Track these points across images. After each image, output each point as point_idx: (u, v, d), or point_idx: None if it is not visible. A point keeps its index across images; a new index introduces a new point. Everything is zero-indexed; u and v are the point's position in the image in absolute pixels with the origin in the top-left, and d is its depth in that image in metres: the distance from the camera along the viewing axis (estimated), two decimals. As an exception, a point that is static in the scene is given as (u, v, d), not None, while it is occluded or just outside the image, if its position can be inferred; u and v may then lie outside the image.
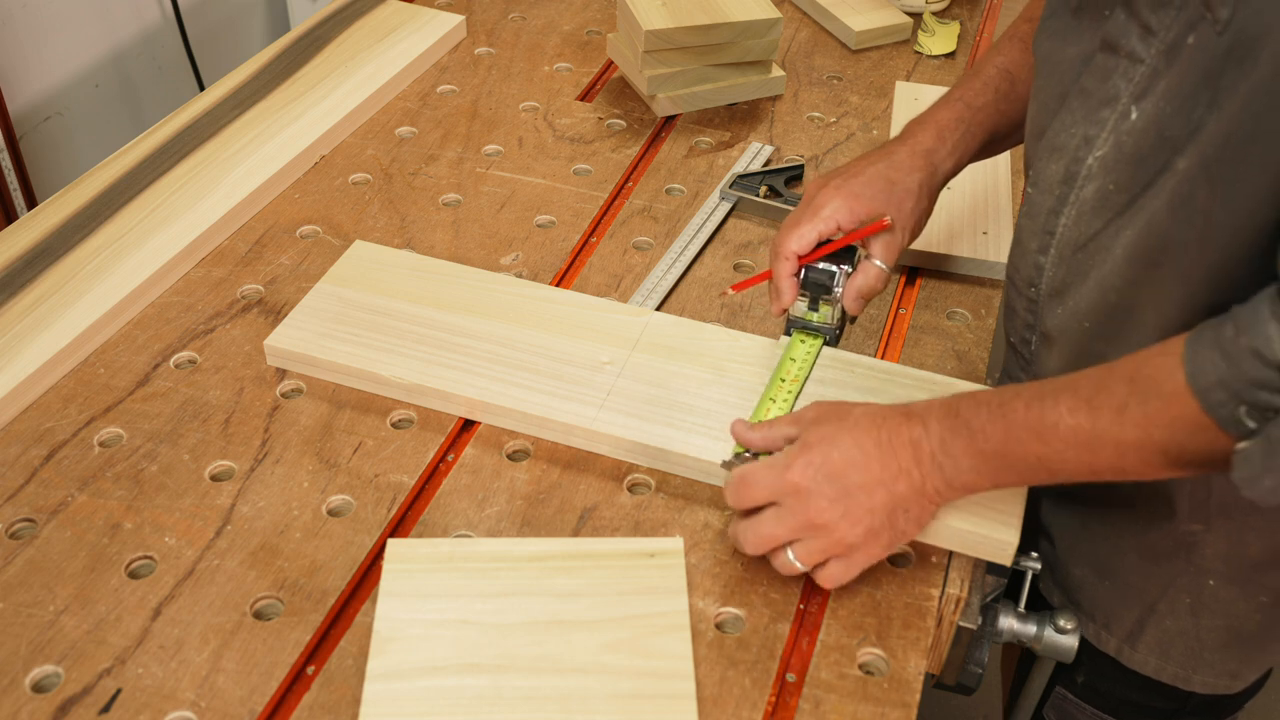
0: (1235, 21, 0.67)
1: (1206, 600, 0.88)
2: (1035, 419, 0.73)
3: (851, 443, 0.79)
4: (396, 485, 0.90)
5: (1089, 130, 0.80)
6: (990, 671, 0.94)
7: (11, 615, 0.80)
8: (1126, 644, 0.93)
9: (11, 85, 1.67)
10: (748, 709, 0.76)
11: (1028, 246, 0.87)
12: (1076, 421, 0.72)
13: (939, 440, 0.77)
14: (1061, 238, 0.84)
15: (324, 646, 0.79)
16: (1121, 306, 0.80)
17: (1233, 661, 0.91)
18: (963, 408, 0.77)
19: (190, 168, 1.19)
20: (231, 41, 2.11)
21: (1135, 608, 0.91)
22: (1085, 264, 0.82)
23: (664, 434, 0.91)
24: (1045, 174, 0.84)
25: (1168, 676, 0.93)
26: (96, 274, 1.05)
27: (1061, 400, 0.73)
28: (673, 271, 1.11)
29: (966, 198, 1.19)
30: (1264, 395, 0.64)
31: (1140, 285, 0.78)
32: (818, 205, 0.92)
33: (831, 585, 0.81)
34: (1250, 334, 0.64)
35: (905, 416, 0.79)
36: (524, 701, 0.73)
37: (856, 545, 0.79)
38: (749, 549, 0.81)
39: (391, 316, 1.01)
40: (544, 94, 1.38)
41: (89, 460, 0.91)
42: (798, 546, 0.80)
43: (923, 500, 0.79)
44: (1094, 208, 0.80)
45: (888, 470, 0.78)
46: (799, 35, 1.52)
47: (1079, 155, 0.81)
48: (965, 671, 0.89)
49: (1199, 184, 0.71)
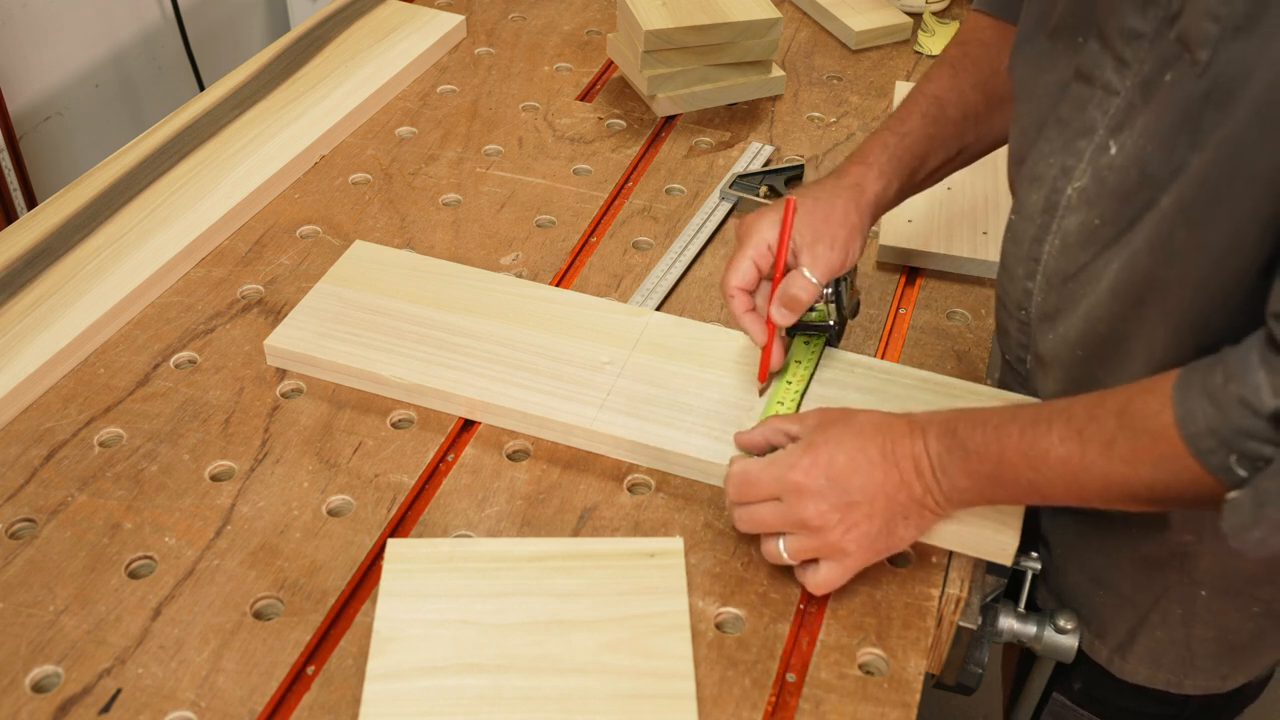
0: (1215, 64, 0.66)
1: (1199, 611, 0.88)
2: (1028, 445, 0.73)
3: (856, 448, 0.79)
4: (396, 485, 0.90)
5: (1066, 161, 0.80)
6: (990, 671, 0.94)
7: (11, 615, 0.80)
8: (1117, 654, 0.93)
9: (11, 85, 1.66)
10: (748, 709, 0.76)
11: (1014, 272, 0.87)
12: (1067, 451, 0.72)
13: (937, 457, 0.77)
14: (1047, 265, 0.84)
15: (324, 646, 0.79)
16: (1111, 338, 0.80)
17: (1224, 666, 0.91)
18: (960, 427, 0.77)
19: (190, 168, 1.19)
20: (231, 41, 2.11)
21: (1129, 617, 0.91)
22: (1076, 293, 0.82)
23: (664, 434, 0.91)
24: (1027, 202, 0.84)
25: (1160, 683, 0.93)
26: (96, 274, 1.05)
27: (1054, 428, 0.72)
28: (673, 271, 1.11)
29: (966, 198, 1.19)
30: (1253, 445, 0.63)
31: (1127, 320, 0.78)
32: (742, 237, 0.91)
33: (820, 592, 0.81)
34: (1239, 382, 0.64)
35: (908, 429, 0.79)
36: (524, 701, 0.73)
37: (850, 551, 0.79)
38: (740, 526, 0.82)
39: (391, 316, 1.01)
40: (544, 94, 1.38)
41: (89, 460, 0.91)
42: (789, 540, 0.80)
43: (922, 511, 0.79)
44: (1080, 240, 0.80)
45: (890, 480, 0.78)
46: (799, 35, 1.52)
47: (1058, 186, 0.81)
48: (965, 671, 0.89)
49: (1178, 225, 0.71)
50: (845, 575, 0.80)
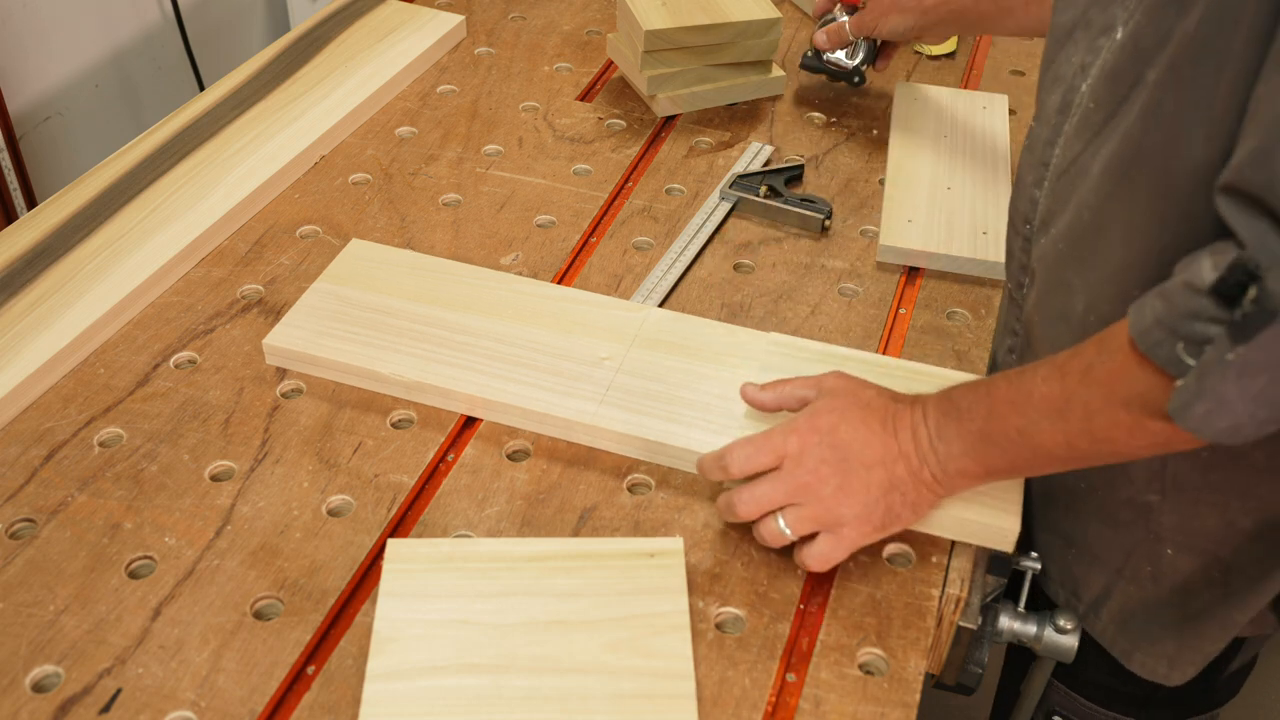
0: None
1: (1165, 569, 0.88)
2: (1014, 391, 0.75)
3: (859, 419, 0.80)
4: (396, 485, 0.90)
5: (1086, 58, 0.81)
6: (990, 671, 0.94)
7: (11, 615, 0.80)
8: (1092, 610, 0.93)
9: (11, 85, 1.66)
10: (748, 709, 0.76)
11: (1025, 181, 0.89)
12: (1050, 388, 0.73)
13: (935, 424, 0.79)
14: (1055, 168, 0.85)
15: (324, 646, 0.79)
16: (1094, 225, 0.80)
17: (1171, 644, 0.91)
18: (955, 392, 0.80)
19: (190, 168, 1.19)
20: (231, 41, 2.11)
21: (1101, 575, 0.92)
22: (1067, 189, 0.83)
23: (664, 428, 0.92)
24: (1046, 105, 0.86)
25: (1117, 651, 0.93)
26: (96, 274, 1.05)
27: (1039, 370, 0.74)
28: (673, 271, 1.11)
29: (966, 198, 1.19)
30: (1198, 326, 0.63)
31: (1112, 199, 0.78)
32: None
33: (819, 567, 0.81)
34: (1185, 272, 0.65)
35: (910, 403, 0.81)
36: (524, 701, 0.73)
37: (847, 520, 0.79)
38: (741, 510, 0.82)
39: (390, 314, 1.01)
40: (544, 94, 1.38)
41: (89, 460, 0.91)
42: (789, 512, 0.80)
43: (919, 486, 0.80)
44: (1076, 130, 0.81)
45: (889, 451, 0.79)
46: (799, 35, 1.52)
47: (1074, 84, 0.82)
48: (965, 671, 0.89)
49: (1168, 90, 0.71)
50: (843, 549, 0.80)
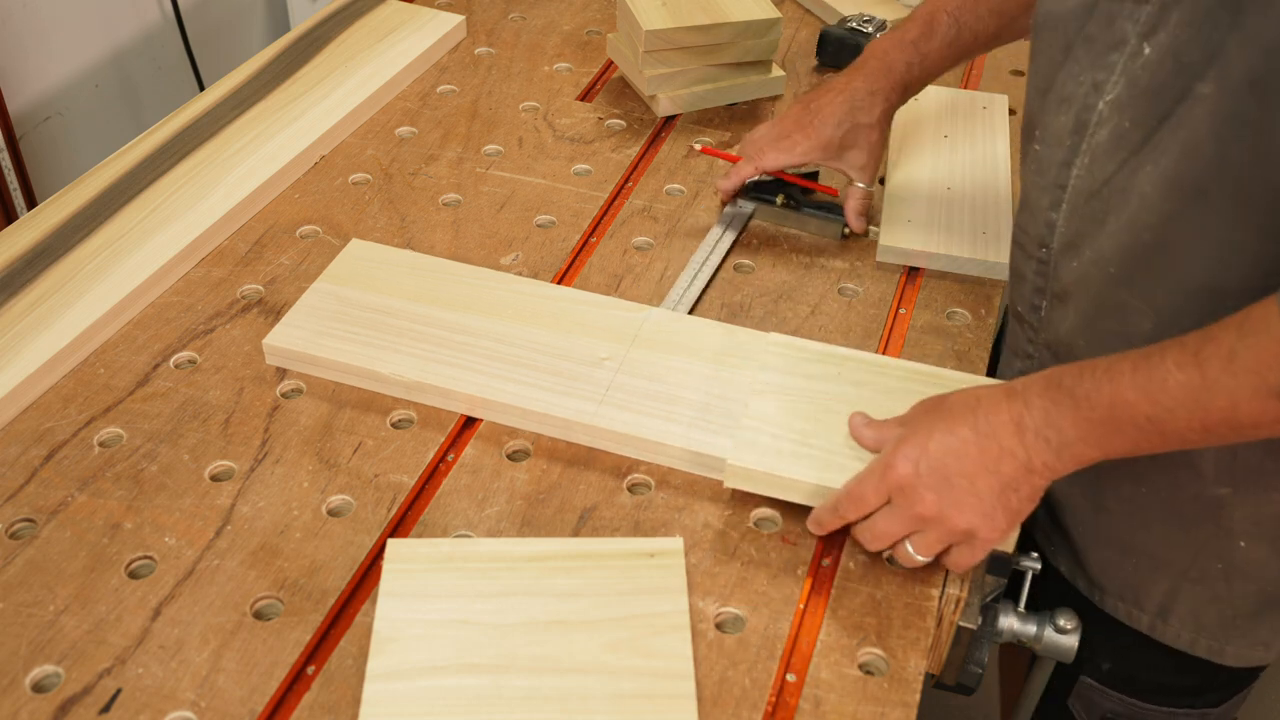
0: None
1: (1239, 563, 0.87)
2: (1143, 380, 0.72)
3: (946, 430, 0.79)
4: (396, 485, 0.90)
5: (1097, 76, 0.80)
6: (990, 671, 0.94)
7: (11, 615, 0.80)
8: (1159, 619, 0.92)
9: (11, 85, 1.66)
10: (748, 709, 0.76)
11: (1038, 205, 0.87)
12: (1186, 376, 0.70)
13: (1042, 414, 0.76)
14: (1074, 189, 0.84)
15: (324, 646, 0.79)
16: (1157, 245, 0.79)
17: (1264, 629, 0.90)
18: (1065, 378, 0.76)
19: (190, 168, 1.19)
20: (231, 41, 2.11)
21: (1165, 579, 0.91)
22: (1100, 210, 0.81)
23: (664, 428, 0.91)
24: (1053, 127, 0.84)
25: (1201, 650, 0.92)
26: (96, 274, 1.05)
27: (1168, 357, 0.71)
28: (696, 283, 1.10)
29: (966, 198, 1.19)
30: None
31: (1177, 219, 0.77)
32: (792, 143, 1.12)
33: (962, 570, 0.82)
34: None
35: (1006, 395, 0.78)
36: (524, 701, 0.73)
37: (972, 530, 0.79)
38: (870, 547, 0.83)
39: (390, 314, 1.01)
40: (544, 94, 1.38)
41: (89, 460, 0.91)
42: (915, 539, 0.80)
43: (1032, 477, 0.78)
44: (1108, 150, 0.80)
45: (987, 455, 0.77)
46: (799, 35, 1.52)
47: (1089, 103, 0.81)
48: (965, 671, 0.89)
49: (1245, 101, 0.70)
50: (978, 552, 0.81)
